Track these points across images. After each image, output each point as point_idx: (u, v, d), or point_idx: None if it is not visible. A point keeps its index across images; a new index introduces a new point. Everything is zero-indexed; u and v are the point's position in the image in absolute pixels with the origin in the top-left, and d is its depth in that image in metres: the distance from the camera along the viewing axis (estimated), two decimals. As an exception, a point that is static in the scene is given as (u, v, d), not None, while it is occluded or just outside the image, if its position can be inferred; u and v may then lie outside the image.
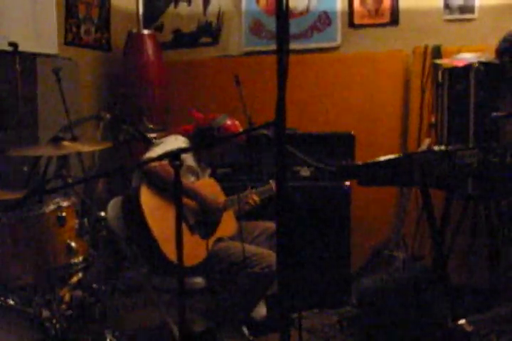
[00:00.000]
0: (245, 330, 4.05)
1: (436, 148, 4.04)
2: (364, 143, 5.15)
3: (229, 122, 4.14)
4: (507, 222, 4.30)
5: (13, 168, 4.34)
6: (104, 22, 5.74)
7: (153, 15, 6.12)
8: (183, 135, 4.16)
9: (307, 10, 5.66)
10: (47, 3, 4.94)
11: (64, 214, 3.40)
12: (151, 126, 5.18)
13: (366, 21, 5.52)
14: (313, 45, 5.67)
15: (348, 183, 4.75)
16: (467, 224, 4.52)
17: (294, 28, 5.57)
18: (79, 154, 4.46)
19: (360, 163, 3.86)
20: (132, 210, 3.74)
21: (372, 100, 5.43)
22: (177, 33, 6.13)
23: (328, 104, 5.53)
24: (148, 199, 3.73)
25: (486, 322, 2.96)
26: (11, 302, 3.13)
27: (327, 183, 4.76)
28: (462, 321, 2.97)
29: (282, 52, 2.19)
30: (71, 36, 5.31)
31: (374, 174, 3.70)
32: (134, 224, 3.75)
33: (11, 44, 4.21)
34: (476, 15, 5.21)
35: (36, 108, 4.70)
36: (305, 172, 4.85)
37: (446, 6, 5.27)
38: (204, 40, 6.06)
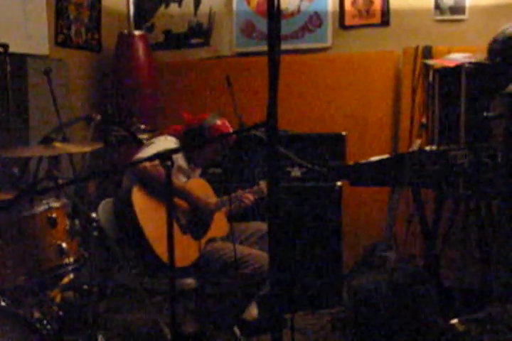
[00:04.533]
0: (237, 331, 4.05)
1: (427, 148, 4.06)
2: (355, 144, 5.17)
3: (219, 122, 4.14)
4: (498, 222, 4.31)
5: (3, 169, 4.33)
6: (95, 23, 5.73)
7: (143, 16, 6.11)
8: (173, 135, 4.16)
9: (298, 10, 5.66)
10: (37, 4, 4.93)
11: (55, 215, 3.39)
12: (142, 126, 5.18)
13: (357, 22, 5.53)
14: (304, 46, 5.67)
15: (339, 184, 4.76)
16: (458, 224, 4.53)
17: (285, 28, 5.57)
18: (70, 155, 4.45)
19: (351, 163, 3.87)
20: (124, 211, 3.74)
21: (363, 101, 5.44)
22: (168, 33, 6.13)
23: (319, 104, 5.53)
24: (140, 200, 3.72)
25: (478, 321, 2.96)
26: (2, 303, 3.11)
27: (318, 184, 4.77)
28: (454, 321, 2.97)
29: (274, 53, 2.19)
30: (62, 37, 5.30)
31: (365, 174, 3.71)
32: (126, 225, 3.74)
33: (2, 45, 4.20)
34: (466, 15, 5.22)
35: (27, 109, 4.68)
36: (296, 172, 4.86)
37: (437, 7, 5.28)
38: (195, 40, 6.05)
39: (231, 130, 4.20)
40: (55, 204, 3.43)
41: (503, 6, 5.08)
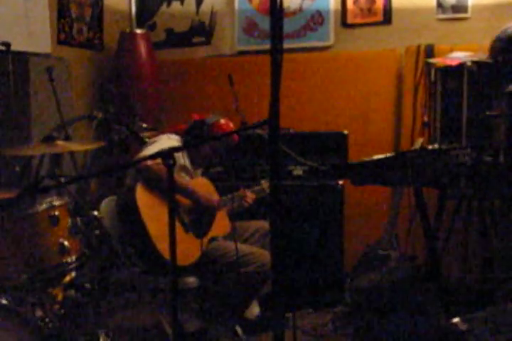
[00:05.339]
0: (239, 330, 4.05)
1: (429, 147, 4.05)
2: (357, 142, 5.16)
3: (222, 121, 4.15)
4: (500, 221, 4.31)
5: (6, 168, 4.33)
6: (97, 21, 5.72)
7: (145, 14, 6.11)
8: (177, 134, 4.16)
9: (300, 9, 5.66)
10: (39, 3, 4.92)
11: (57, 213, 3.39)
12: (144, 125, 5.17)
13: (359, 20, 5.52)
14: (306, 45, 5.67)
15: (341, 182, 4.75)
16: (460, 223, 4.53)
17: (287, 27, 5.56)
18: (72, 153, 4.45)
19: (353, 162, 3.87)
20: (128, 209, 3.74)
21: (365, 99, 5.43)
22: (170, 32, 6.12)
23: (320, 103, 5.53)
24: (143, 198, 3.72)
25: (481, 320, 2.96)
26: (4, 301, 3.12)
27: (320, 182, 4.77)
28: (456, 319, 2.97)
29: (276, 52, 2.19)
30: (63, 35, 5.29)
31: (367, 173, 3.70)
32: (130, 223, 3.74)
33: (4, 43, 4.20)
34: (469, 14, 5.21)
35: (29, 107, 4.69)
36: (298, 171, 4.86)
37: (439, 5, 5.27)
38: (197, 39, 6.05)
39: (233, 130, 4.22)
40: (57, 203, 3.44)
41: (506, 5, 5.08)
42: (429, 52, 5.16)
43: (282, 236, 2.27)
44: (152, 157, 2.72)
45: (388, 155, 3.77)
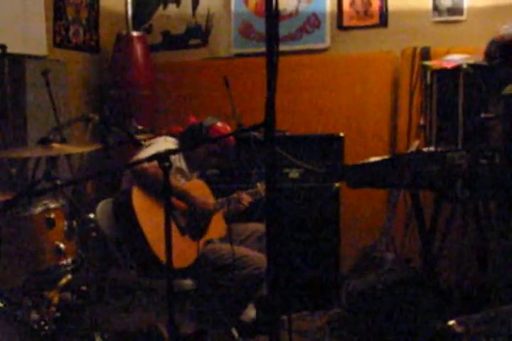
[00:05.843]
0: (235, 332, 4.04)
1: (425, 149, 4.05)
2: (353, 145, 5.16)
3: (219, 124, 4.14)
4: (496, 223, 4.31)
5: (1, 170, 4.33)
6: (93, 24, 5.73)
7: (142, 16, 6.11)
8: (173, 136, 4.16)
9: (296, 11, 5.66)
10: (35, 5, 4.92)
11: (52, 215, 3.39)
12: (140, 127, 5.17)
13: (355, 23, 5.53)
14: (302, 47, 5.67)
15: (337, 184, 4.75)
16: (456, 226, 4.53)
17: (283, 29, 5.57)
18: (68, 156, 4.44)
19: (349, 164, 3.87)
20: (124, 212, 3.74)
21: (361, 102, 5.43)
22: (166, 34, 6.13)
23: (317, 105, 5.53)
24: (139, 201, 3.72)
25: (476, 322, 2.96)
26: (0, 304, 3.11)
27: (316, 185, 4.76)
28: (452, 322, 2.97)
29: (272, 54, 2.19)
30: (60, 38, 5.29)
31: (363, 176, 3.70)
32: (125, 226, 3.74)
33: (0, 45, 4.20)
34: (464, 17, 5.22)
35: (25, 110, 4.68)
36: (294, 174, 4.85)
37: (435, 8, 5.28)
38: (193, 41, 6.05)
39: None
40: (53, 205, 3.44)
41: (501, 7, 5.09)
42: (425, 54, 5.16)
43: (278, 239, 2.27)
44: (148, 159, 2.72)
45: (384, 157, 3.77)
